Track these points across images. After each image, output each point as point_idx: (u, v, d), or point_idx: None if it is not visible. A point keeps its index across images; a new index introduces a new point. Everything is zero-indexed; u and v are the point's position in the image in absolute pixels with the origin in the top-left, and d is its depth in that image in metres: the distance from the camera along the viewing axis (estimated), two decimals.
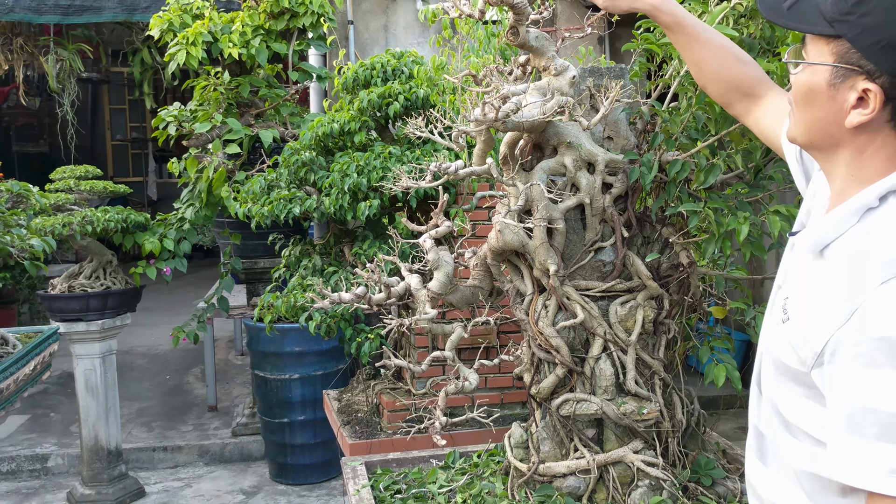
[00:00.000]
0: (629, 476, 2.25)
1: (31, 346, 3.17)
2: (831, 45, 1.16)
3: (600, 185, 2.26)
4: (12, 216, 3.07)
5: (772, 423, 1.30)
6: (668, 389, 2.35)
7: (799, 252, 1.28)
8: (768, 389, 1.30)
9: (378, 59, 3.70)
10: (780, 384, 1.24)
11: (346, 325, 3.38)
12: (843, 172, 1.21)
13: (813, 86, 1.19)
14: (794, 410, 1.22)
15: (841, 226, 1.17)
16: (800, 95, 1.23)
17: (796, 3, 1.22)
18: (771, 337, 1.30)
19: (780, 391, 1.24)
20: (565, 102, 2.10)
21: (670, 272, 2.33)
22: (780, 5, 1.24)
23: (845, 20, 1.14)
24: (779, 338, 1.24)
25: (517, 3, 2.07)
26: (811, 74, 1.20)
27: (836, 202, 1.22)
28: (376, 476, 2.61)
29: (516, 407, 3.56)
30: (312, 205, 3.39)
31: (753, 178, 2.25)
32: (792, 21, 1.22)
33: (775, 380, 1.26)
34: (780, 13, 1.24)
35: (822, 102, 1.19)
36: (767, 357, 1.29)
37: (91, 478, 4.84)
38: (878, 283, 1.06)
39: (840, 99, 1.16)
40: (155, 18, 4.89)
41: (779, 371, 1.23)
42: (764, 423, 1.33)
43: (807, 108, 1.22)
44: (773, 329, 1.30)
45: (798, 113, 1.25)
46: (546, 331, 2.25)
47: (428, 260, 2.32)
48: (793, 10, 1.22)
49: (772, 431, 1.30)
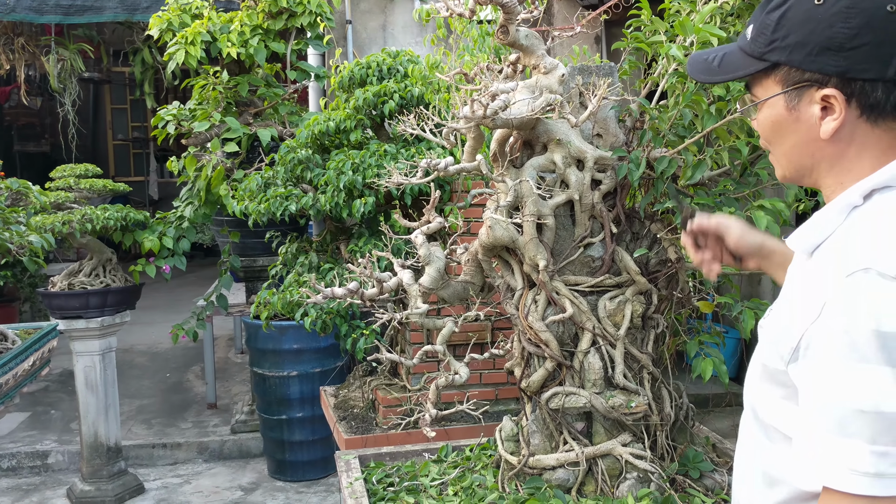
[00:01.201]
0: (618, 469, 2.28)
1: (30, 341, 3.20)
2: (772, 77, 1.20)
3: (589, 182, 2.29)
4: (11, 213, 3.11)
5: (749, 429, 1.31)
6: (656, 383, 2.38)
7: (796, 258, 1.30)
8: (749, 394, 1.31)
9: (374, 58, 3.73)
10: (762, 386, 1.25)
11: (341, 321, 3.42)
12: (830, 183, 1.22)
13: (775, 118, 1.22)
14: (771, 412, 1.23)
15: (829, 225, 1.18)
16: (768, 133, 1.26)
17: (724, 58, 1.27)
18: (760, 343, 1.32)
19: (760, 394, 1.25)
20: (554, 100, 2.13)
21: (659, 267, 2.36)
22: (710, 66, 1.29)
23: (773, 48, 1.18)
24: (762, 338, 1.26)
25: (507, 3, 2.10)
26: (769, 110, 1.23)
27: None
28: (369, 469, 2.64)
29: (510, 403, 3.59)
30: (308, 202, 3.43)
31: (740, 175, 2.28)
32: (728, 73, 1.26)
33: (758, 383, 1.26)
34: (714, 72, 1.28)
35: (790, 129, 1.21)
36: (756, 363, 1.30)
37: (91, 474, 4.87)
38: (844, 275, 1.07)
39: (805, 118, 1.18)
40: (154, 18, 4.93)
41: (764, 374, 1.24)
42: (743, 430, 1.34)
43: (780, 140, 1.24)
44: (760, 334, 1.32)
45: (776, 149, 1.27)
46: (536, 325, 2.28)
47: (419, 255, 2.35)
48: (723, 65, 1.27)
49: (747, 437, 1.32)
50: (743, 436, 1.36)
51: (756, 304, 2.44)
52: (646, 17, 2.31)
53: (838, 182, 1.21)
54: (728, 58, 1.27)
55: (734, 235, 1.58)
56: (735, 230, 1.58)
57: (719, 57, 1.28)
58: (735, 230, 1.58)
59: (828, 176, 1.22)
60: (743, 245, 1.58)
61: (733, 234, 1.58)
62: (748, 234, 1.58)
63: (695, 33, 2.11)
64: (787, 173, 1.28)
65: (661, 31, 2.28)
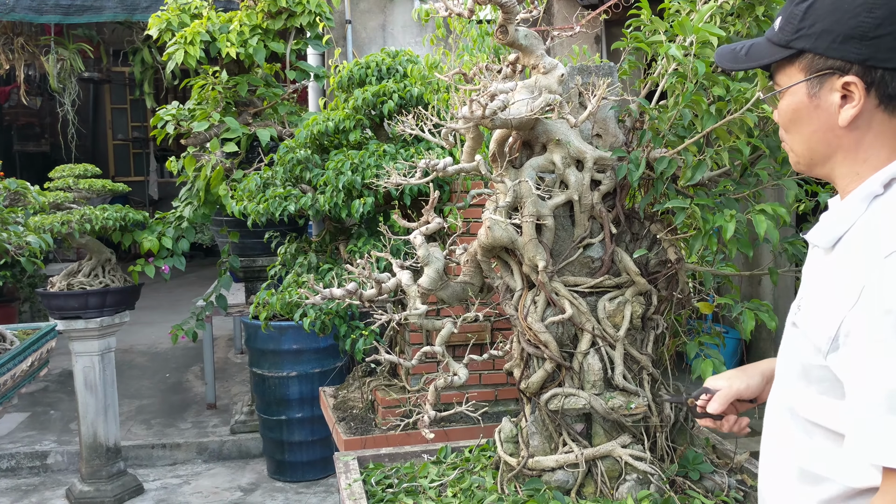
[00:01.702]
0: (617, 470, 2.27)
1: (29, 342, 3.20)
2: (796, 65, 1.25)
3: (589, 182, 2.28)
4: (10, 214, 3.10)
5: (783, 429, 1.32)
6: (656, 384, 2.37)
7: (814, 252, 1.33)
8: (785, 395, 1.32)
9: (373, 58, 3.72)
10: (798, 385, 1.26)
11: (340, 322, 3.41)
12: (846, 172, 1.25)
13: (796, 105, 1.27)
14: (813, 409, 1.24)
15: (850, 217, 1.21)
16: (787, 120, 1.30)
17: (751, 48, 1.33)
18: (789, 343, 1.32)
19: (798, 393, 1.27)
20: (553, 100, 2.12)
21: (658, 268, 2.35)
22: (738, 55, 1.35)
23: (799, 36, 1.23)
24: (794, 335, 1.28)
25: (506, 2, 2.09)
26: (791, 97, 1.27)
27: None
28: (368, 470, 2.63)
29: (510, 403, 3.58)
30: (307, 202, 3.42)
31: (740, 175, 2.27)
32: (754, 61, 1.32)
33: (795, 382, 1.27)
34: (741, 60, 1.34)
35: (810, 116, 1.25)
36: (791, 362, 1.30)
37: (90, 475, 4.87)
38: (882, 256, 1.09)
39: (825, 105, 1.23)
40: (153, 18, 4.92)
41: (802, 372, 1.25)
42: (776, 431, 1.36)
43: (799, 127, 1.28)
44: (789, 333, 1.33)
45: (793, 137, 1.31)
46: (535, 326, 2.27)
47: (418, 256, 2.34)
48: (750, 54, 1.33)
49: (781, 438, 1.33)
50: (773, 436, 1.37)
51: (756, 304, 2.43)
52: (645, 17, 2.30)
53: (854, 172, 1.24)
54: (755, 47, 1.32)
55: (741, 391, 1.57)
56: (740, 387, 1.57)
57: (747, 47, 1.34)
58: (740, 387, 1.57)
59: (843, 165, 1.25)
60: (752, 392, 1.57)
61: (740, 392, 1.57)
62: (751, 379, 1.57)
63: (694, 33, 2.10)
64: (802, 161, 1.32)
65: (660, 31, 2.27)
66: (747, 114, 2.06)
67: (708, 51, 2.12)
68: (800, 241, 2.33)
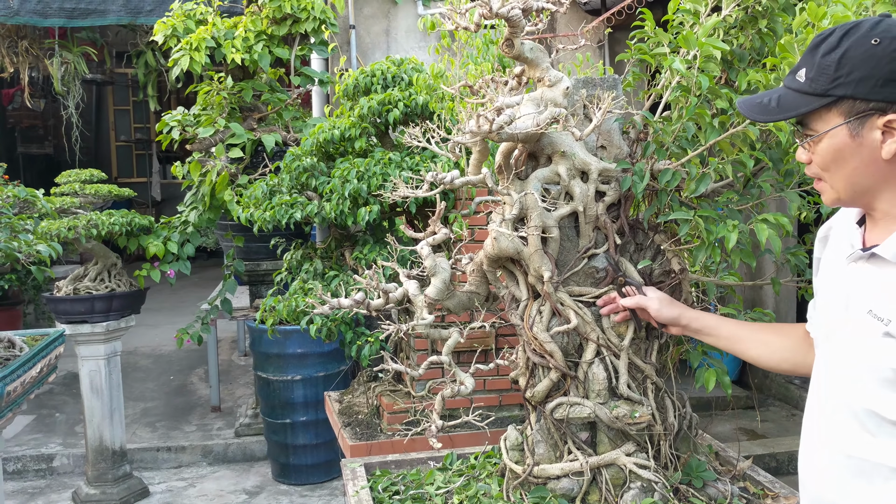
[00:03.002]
0: (621, 478, 2.30)
1: (38, 348, 3.23)
2: (834, 110, 1.35)
3: (594, 194, 2.30)
4: (19, 221, 3.13)
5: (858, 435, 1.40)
6: (660, 393, 2.40)
7: (863, 268, 1.41)
8: (861, 401, 1.39)
9: (378, 66, 3.75)
10: (881, 392, 1.35)
11: (346, 329, 3.44)
12: (890, 196, 1.38)
13: (839, 146, 1.37)
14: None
15: None
16: (830, 160, 1.39)
17: (780, 99, 1.41)
18: (857, 351, 1.40)
19: (882, 399, 1.35)
20: (559, 113, 2.15)
21: (662, 278, 2.37)
22: (768, 107, 1.43)
23: (837, 84, 1.33)
24: (882, 345, 1.34)
25: (512, 16, 2.12)
26: (831, 140, 1.37)
27: (889, 222, 1.39)
28: (375, 477, 2.66)
29: (514, 409, 3.61)
30: (314, 210, 3.45)
31: (743, 187, 2.30)
32: (790, 111, 1.39)
33: (877, 389, 1.35)
34: (774, 111, 1.42)
35: (853, 154, 1.36)
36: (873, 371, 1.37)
37: (96, 478, 4.90)
38: None
39: (867, 143, 1.34)
40: (159, 24, 4.95)
41: (884, 380, 1.34)
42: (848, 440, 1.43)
43: (842, 165, 1.38)
44: (863, 342, 1.39)
45: (835, 174, 1.40)
46: (540, 336, 2.30)
47: (425, 267, 2.37)
48: (782, 105, 1.40)
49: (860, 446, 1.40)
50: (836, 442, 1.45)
51: (759, 314, 2.46)
52: (649, 28, 2.33)
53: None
54: (785, 98, 1.41)
55: (652, 310, 2.05)
56: (653, 306, 2.04)
57: (775, 99, 1.42)
58: (653, 306, 2.04)
59: (886, 191, 1.38)
60: (661, 318, 2.04)
61: (651, 310, 2.05)
62: (665, 308, 2.03)
63: (698, 47, 2.13)
64: (844, 196, 1.42)
65: (664, 43, 2.30)
66: (749, 127, 2.09)
67: (711, 65, 2.15)
68: (802, 251, 2.36)
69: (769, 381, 6.26)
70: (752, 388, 6.23)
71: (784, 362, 1.85)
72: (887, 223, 1.39)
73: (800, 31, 1.99)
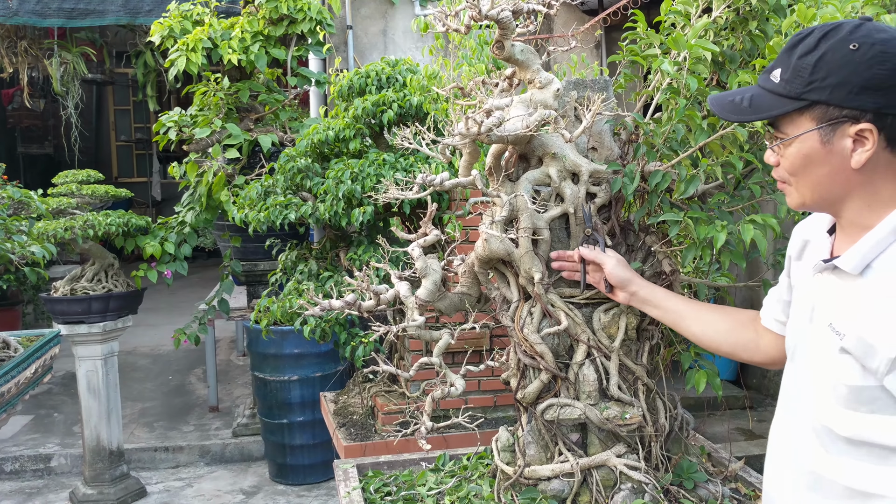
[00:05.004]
0: (612, 479, 2.30)
1: (32, 349, 3.24)
2: (806, 114, 1.31)
3: (584, 195, 2.30)
4: (13, 222, 3.14)
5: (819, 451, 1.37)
6: (651, 394, 2.40)
7: (828, 278, 1.39)
8: (822, 417, 1.36)
9: (373, 68, 3.75)
10: (843, 411, 1.32)
11: (340, 329, 3.44)
12: (856, 206, 1.34)
13: (808, 152, 1.33)
14: (858, 428, 1.29)
15: (880, 245, 1.30)
16: (799, 165, 1.35)
17: (752, 99, 1.37)
18: (817, 365, 1.38)
19: (842, 416, 1.32)
20: (549, 115, 2.15)
21: (654, 279, 2.37)
22: (740, 107, 1.39)
23: (811, 89, 1.29)
24: (839, 361, 1.32)
25: (502, 19, 2.12)
26: (801, 144, 1.33)
27: (854, 231, 1.35)
28: (367, 478, 2.66)
29: (509, 409, 3.61)
30: (308, 211, 3.45)
31: (733, 189, 2.30)
32: (762, 112, 1.36)
33: (836, 406, 1.32)
34: (746, 111, 1.39)
35: (822, 161, 1.32)
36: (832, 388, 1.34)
37: (93, 478, 4.91)
38: None
39: (837, 150, 1.30)
40: (156, 25, 4.96)
41: (849, 396, 1.30)
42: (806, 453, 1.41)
43: (810, 171, 1.35)
44: (820, 356, 1.37)
45: (802, 180, 1.37)
46: (531, 337, 2.30)
47: (416, 268, 2.37)
48: (754, 105, 1.37)
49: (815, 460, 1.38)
50: (796, 454, 1.43)
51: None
52: (641, 30, 2.33)
53: (866, 204, 1.33)
54: (758, 99, 1.37)
55: (607, 266, 2.05)
56: (609, 263, 2.06)
57: (747, 98, 1.38)
58: (609, 263, 2.06)
59: (854, 201, 1.34)
60: (613, 277, 2.05)
61: (607, 266, 2.05)
62: (619, 270, 2.05)
63: (687, 49, 2.13)
64: (808, 201, 1.39)
65: (655, 45, 2.30)
66: (738, 128, 2.09)
67: (701, 67, 2.15)
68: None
69: (767, 381, 6.26)
70: (750, 387, 6.24)
71: (724, 344, 1.87)
72: (853, 233, 1.36)
73: (789, 33, 1.99)
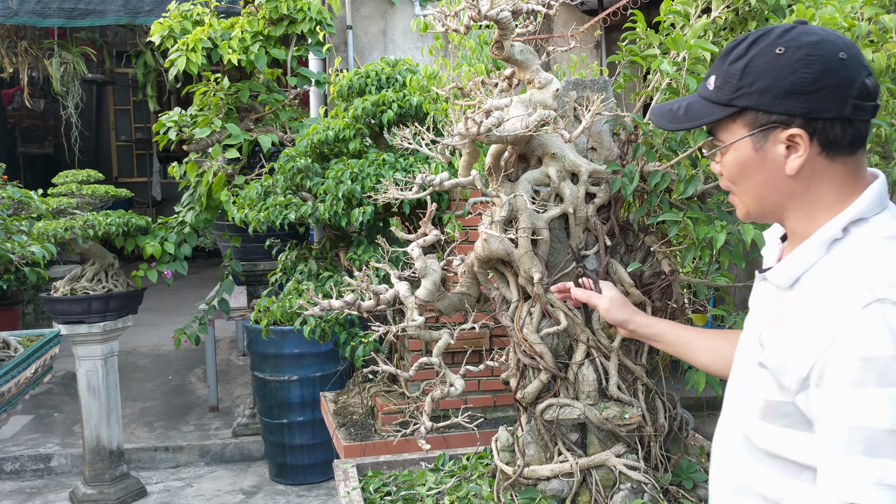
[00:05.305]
0: (611, 479, 2.30)
1: (32, 349, 3.24)
2: (738, 121, 1.29)
3: (584, 195, 2.30)
4: (13, 222, 3.14)
5: (741, 454, 1.36)
6: (650, 394, 2.40)
7: (766, 287, 1.37)
8: (742, 425, 1.35)
9: (372, 68, 3.75)
10: (759, 423, 1.30)
11: (340, 329, 3.44)
12: (796, 215, 1.30)
13: (742, 159, 1.30)
14: (774, 441, 1.27)
15: (810, 258, 1.26)
16: (735, 173, 1.33)
17: (688, 107, 1.35)
18: (746, 374, 1.37)
19: (758, 427, 1.30)
20: (548, 116, 2.15)
21: (653, 279, 2.38)
22: (676, 115, 1.37)
23: (740, 94, 1.26)
24: (758, 373, 1.30)
25: (501, 19, 2.12)
26: (736, 152, 1.31)
27: (795, 241, 1.32)
28: (367, 478, 2.66)
29: (508, 409, 3.61)
30: (308, 211, 3.45)
31: None
32: (695, 120, 1.34)
33: (754, 417, 1.31)
34: (681, 119, 1.36)
35: (757, 168, 1.29)
36: (752, 396, 1.33)
37: (93, 478, 4.91)
38: (860, 306, 1.13)
39: (771, 157, 1.27)
40: (156, 25, 4.96)
41: (766, 408, 1.28)
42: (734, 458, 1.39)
43: (747, 179, 1.32)
44: (747, 365, 1.36)
45: (742, 188, 1.35)
46: (530, 337, 2.30)
47: (416, 268, 2.37)
48: (689, 113, 1.35)
49: (736, 461, 1.37)
50: (727, 458, 1.41)
51: None
52: (640, 30, 2.33)
53: (805, 213, 1.29)
54: (693, 107, 1.35)
55: (601, 310, 2.01)
56: (602, 305, 1.99)
57: (683, 106, 1.36)
58: (602, 305, 1.99)
59: (793, 209, 1.30)
60: (608, 318, 2.00)
61: (600, 309, 2.01)
62: (615, 310, 1.97)
63: (686, 49, 2.13)
64: (752, 210, 1.37)
65: (655, 45, 2.30)
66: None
67: (700, 67, 2.15)
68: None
69: None
70: None
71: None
72: (794, 242, 1.33)
73: None
